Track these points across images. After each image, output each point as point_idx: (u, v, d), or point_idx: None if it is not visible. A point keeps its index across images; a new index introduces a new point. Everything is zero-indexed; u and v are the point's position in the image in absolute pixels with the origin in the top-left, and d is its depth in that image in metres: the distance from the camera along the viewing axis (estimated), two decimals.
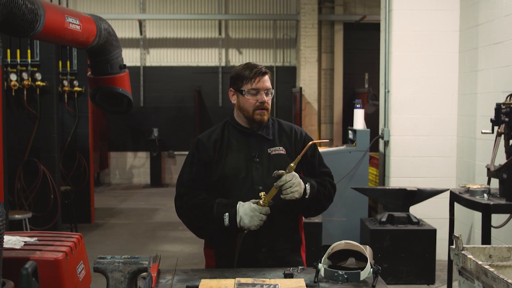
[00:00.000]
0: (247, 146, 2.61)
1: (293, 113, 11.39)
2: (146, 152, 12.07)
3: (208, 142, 2.62)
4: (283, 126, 2.71)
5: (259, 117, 2.57)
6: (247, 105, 2.58)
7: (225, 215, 2.45)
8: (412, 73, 5.89)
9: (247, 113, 2.59)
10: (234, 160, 2.58)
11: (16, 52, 6.47)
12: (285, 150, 2.62)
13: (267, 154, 2.60)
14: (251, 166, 2.57)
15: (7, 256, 2.37)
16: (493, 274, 2.09)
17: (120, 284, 1.82)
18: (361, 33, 11.68)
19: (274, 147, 2.62)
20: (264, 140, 2.63)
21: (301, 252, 2.67)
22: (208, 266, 2.66)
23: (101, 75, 3.04)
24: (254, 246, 2.51)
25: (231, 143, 2.62)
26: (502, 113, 4.01)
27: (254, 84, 2.56)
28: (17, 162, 6.37)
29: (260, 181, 2.55)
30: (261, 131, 2.63)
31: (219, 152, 2.60)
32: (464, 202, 4.15)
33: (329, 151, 6.17)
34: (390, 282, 5.09)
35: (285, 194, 2.41)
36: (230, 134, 2.65)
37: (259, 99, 2.55)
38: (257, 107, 2.56)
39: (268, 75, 2.62)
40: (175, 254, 6.29)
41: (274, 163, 2.57)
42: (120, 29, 11.91)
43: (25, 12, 2.11)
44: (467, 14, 5.69)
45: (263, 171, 2.56)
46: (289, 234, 2.61)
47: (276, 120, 2.74)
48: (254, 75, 2.56)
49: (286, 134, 2.68)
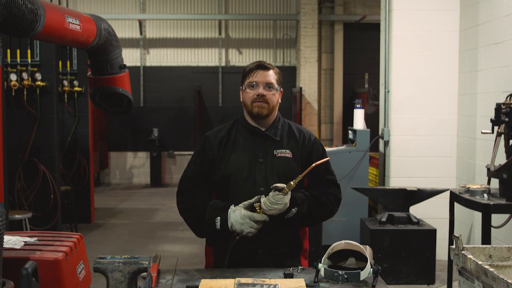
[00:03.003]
0: (253, 146, 2.57)
1: (293, 113, 11.40)
2: (146, 152, 12.07)
3: (214, 140, 2.60)
4: (292, 129, 2.66)
5: (257, 109, 2.53)
6: (246, 98, 2.56)
7: (217, 218, 2.44)
8: (412, 73, 5.89)
9: (247, 108, 2.57)
10: (238, 158, 2.55)
11: (16, 52, 6.47)
12: (291, 154, 2.57)
13: (272, 156, 2.55)
14: (254, 166, 2.53)
15: (7, 256, 2.37)
16: (493, 274, 2.08)
17: (120, 284, 1.82)
18: (361, 33, 11.68)
19: (281, 149, 2.57)
20: (271, 141, 2.59)
21: (301, 257, 2.63)
22: (207, 263, 2.66)
23: (101, 75, 3.04)
24: (250, 248, 2.49)
25: (238, 142, 2.59)
26: (502, 113, 4.01)
27: (252, 77, 2.54)
28: (17, 162, 6.37)
29: (263, 182, 2.51)
30: (269, 131, 2.59)
31: (224, 150, 2.57)
32: (464, 202, 4.15)
33: (329, 151, 6.16)
34: (390, 282, 5.08)
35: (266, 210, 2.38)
36: (238, 132, 2.62)
37: (257, 92, 2.52)
38: (254, 99, 2.53)
39: (273, 71, 2.57)
40: (175, 254, 6.29)
41: (278, 165, 2.53)
42: (120, 29, 11.91)
43: (25, 12, 2.11)
44: (467, 14, 5.68)
45: (266, 172, 2.52)
46: (288, 239, 2.56)
47: (287, 121, 2.69)
48: (253, 68, 2.55)
49: (294, 137, 2.62)
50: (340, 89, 11.73)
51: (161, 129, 11.85)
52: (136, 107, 11.62)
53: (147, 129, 11.88)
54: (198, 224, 2.55)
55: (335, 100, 11.74)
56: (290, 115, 11.47)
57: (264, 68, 2.55)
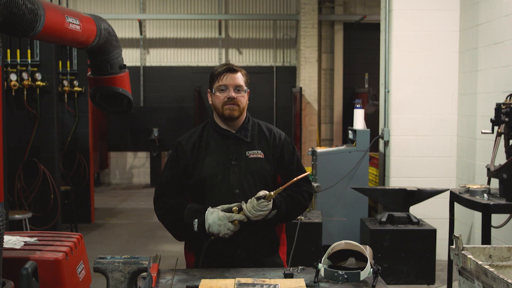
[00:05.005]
0: (225, 149, 2.58)
1: (293, 113, 11.40)
2: (146, 152, 12.07)
3: (186, 145, 2.61)
4: (262, 129, 2.66)
5: (228, 112, 2.53)
6: (217, 102, 2.56)
7: (195, 221, 2.46)
8: (412, 73, 5.89)
9: (218, 111, 2.57)
10: (211, 162, 2.56)
11: (16, 52, 6.47)
12: (263, 154, 2.59)
13: (245, 157, 2.56)
14: (228, 168, 2.54)
15: (7, 256, 2.37)
16: (493, 274, 2.08)
17: (120, 284, 1.82)
18: (361, 33, 11.68)
19: (253, 151, 2.58)
20: (242, 142, 2.59)
21: (279, 253, 2.65)
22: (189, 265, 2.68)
23: (101, 75, 3.04)
24: (229, 248, 2.51)
25: (210, 145, 2.59)
26: (502, 113, 4.01)
27: (222, 81, 2.54)
28: (17, 162, 6.37)
29: (237, 184, 2.52)
30: (239, 133, 2.59)
31: (197, 155, 2.58)
32: (464, 202, 4.15)
33: (329, 151, 6.17)
34: (390, 282, 5.08)
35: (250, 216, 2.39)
36: (209, 136, 2.62)
37: (227, 95, 2.53)
38: (225, 102, 2.53)
39: (241, 73, 2.58)
40: (175, 254, 6.28)
41: (251, 167, 2.55)
42: (120, 29, 11.90)
43: (25, 12, 2.11)
44: (467, 14, 5.68)
45: (240, 175, 2.53)
46: (264, 236, 2.58)
47: (256, 122, 2.69)
48: (222, 71, 2.55)
49: (265, 138, 2.63)
50: (340, 89, 11.73)
51: (161, 129, 11.85)
52: (136, 107, 11.61)
53: (147, 129, 11.88)
54: (176, 228, 2.58)
55: (335, 100, 11.73)
56: (290, 115, 11.47)
57: (233, 71, 2.56)
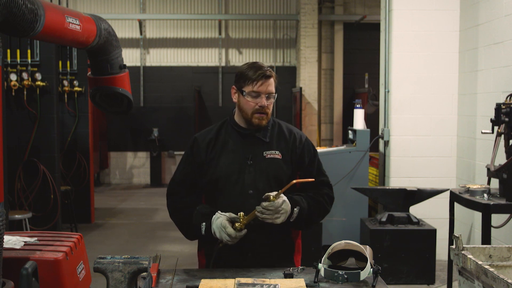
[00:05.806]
0: (242, 148, 2.53)
1: (293, 113, 11.39)
2: (146, 152, 12.07)
3: (202, 142, 2.57)
4: (283, 129, 2.60)
5: (257, 121, 2.49)
6: (246, 106, 2.49)
7: (202, 224, 2.43)
8: (412, 73, 5.89)
9: (245, 115, 2.51)
10: (226, 161, 2.51)
11: (16, 52, 6.47)
12: (281, 155, 2.53)
13: (261, 158, 2.51)
14: (243, 168, 2.49)
15: (7, 256, 2.37)
16: (493, 274, 2.08)
17: (120, 284, 1.82)
18: (361, 33, 11.68)
19: (270, 151, 2.53)
20: (261, 142, 2.54)
21: (293, 260, 2.59)
22: (200, 265, 2.65)
23: (101, 75, 3.04)
24: (240, 252, 2.46)
25: (227, 143, 2.55)
26: (502, 113, 4.01)
27: (255, 87, 2.46)
28: (17, 162, 6.37)
29: (252, 185, 2.47)
30: (258, 133, 2.54)
31: (212, 152, 2.54)
32: (464, 202, 4.15)
33: (329, 151, 6.17)
34: (390, 282, 5.08)
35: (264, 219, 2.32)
36: (227, 134, 2.58)
37: (259, 103, 2.46)
38: (256, 110, 2.47)
39: (273, 78, 2.50)
40: (175, 254, 6.29)
41: (268, 167, 2.50)
42: (120, 29, 11.90)
43: (25, 12, 2.11)
44: (467, 14, 5.68)
45: (255, 175, 2.48)
46: (279, 241, 2.53)
47: (277, 122, 2.64)
48: (257, 78, 2.46)
49: (284, 138, 2.57)
50: (340, 89, 11.73)
51: (161, 129, 11.85)
52: (136, 107, 11.62)
53: (147, 129, 11.88)
54: (183, 228, 2.55)
55: (335, 100, 11.73)
56: (290, 115, 11.46)
57: (267, 77, 2.47)
